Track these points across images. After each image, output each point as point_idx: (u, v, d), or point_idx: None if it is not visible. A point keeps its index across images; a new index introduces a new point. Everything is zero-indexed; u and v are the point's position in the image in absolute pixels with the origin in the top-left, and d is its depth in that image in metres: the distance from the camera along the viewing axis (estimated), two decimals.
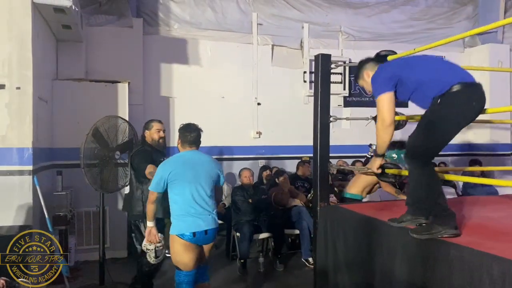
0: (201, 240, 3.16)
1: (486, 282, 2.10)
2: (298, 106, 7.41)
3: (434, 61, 2.79)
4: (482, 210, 3.47)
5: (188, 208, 3.13)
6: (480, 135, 8.25)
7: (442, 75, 2.57)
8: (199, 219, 3.13)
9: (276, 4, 7.51)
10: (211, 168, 3.29)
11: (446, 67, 2.67)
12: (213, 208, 3.27)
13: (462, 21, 8.45)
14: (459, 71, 2.62)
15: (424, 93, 2.59)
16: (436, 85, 2.52)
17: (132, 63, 6.50)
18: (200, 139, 3.35)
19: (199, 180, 3.18)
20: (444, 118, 2.52)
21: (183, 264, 3.13)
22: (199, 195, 3.16)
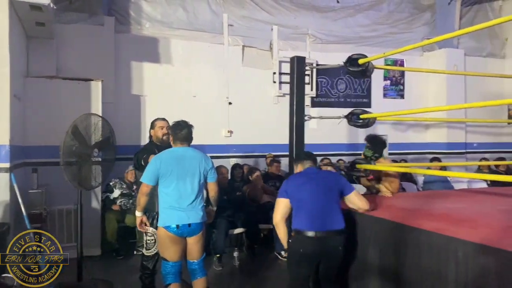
0: (185, 232, 3.27)
1: (452, 263, 2.37)
2: (268, 106, 7.63)
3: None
4: (443, 202, 3.80)
5: (173, 202, 3.27)
6: (437, 135, 8.77)
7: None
8: (183, 213, 3.25)
9: (247, 6, 7.68)
10: (201, 164, 3.38)
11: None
12: (199, 204, 3.35)
13: (421, 26, 8.92)
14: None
15: None
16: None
17: (103, 61, 6.48)
18: (191, 135, 3.44)
19: (186, 176, 3.28)
20: None
21: (169, 255, 3.28)
22: (185, 190, 3.28)
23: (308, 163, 3.30)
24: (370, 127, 4.33)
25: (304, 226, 2.95)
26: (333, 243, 2.96)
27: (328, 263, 3.05)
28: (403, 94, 8.86)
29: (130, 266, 5.25)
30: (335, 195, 3.11)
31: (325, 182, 3.12)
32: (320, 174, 3.28)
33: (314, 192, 3.04)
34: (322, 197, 3.03)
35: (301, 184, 3.10)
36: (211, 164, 3.49)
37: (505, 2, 9.27)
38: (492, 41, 9.21)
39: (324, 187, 3.08)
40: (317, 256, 2.98)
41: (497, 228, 2.63)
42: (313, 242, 2.92)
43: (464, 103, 8.49)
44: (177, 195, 3.26)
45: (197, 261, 3.41)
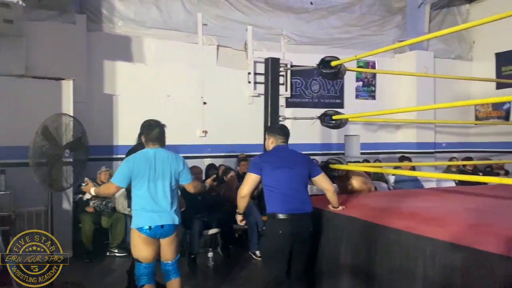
0: (158, 233, 3.25)
1: (421, 261, 2.45)
2: (243, 106, 7.65)
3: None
4: (413, 201, 3.91)
5: (145, 204, 3.24)
6: (408, 135, 8.99)
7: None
8: (155, 214, 3.23)
9: (221, 6, 7.67)
10: (172, 165, 3.33)
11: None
12: (172, 206, 3.31)
13: (392, 28, 9.12)
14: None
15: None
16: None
17: (75, 59, 6.37)
18: (163, 135, 3.39)
19: (158, 178, 3.25)
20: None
21: (143, 257, 3.26)
22: (156, 192, 3.25)
23: (280, 139, 3.31)
24: (343, 127, 4.37)
25: (279, 209, 3.08)
26: (305, 223, 3.10)
27: (301, 243, 3.11)
28: (374, 95, 9.04)
29: (103, 268, 5.18)
30: (305, 178, 3.21)
31: (297, 164, 3.19)
32: (292, 154, 3.27)
33: (287, 176, 3.11)
34: (294, 181, 3.13)
35: (276, 167, 3.13)
36: (183, 165, 3.42)
37: (472, 6, 9.58)
38: (460, 44, 9.51)
39: (297, 170, 3.15)
40: (291, 237, 3.06)
41: (464, 226, 2.73)
42: (288, 223, 3.05)
43: (433, 104, 8.74)
44: (149, 197, 3.24)
45: (171, 262, 3.38)
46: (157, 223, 3.22)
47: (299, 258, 3.16)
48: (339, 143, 8.59)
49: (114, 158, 6.76)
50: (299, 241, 3.09)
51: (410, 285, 2.48)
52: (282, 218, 3.06)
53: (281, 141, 3.31)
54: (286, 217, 3.05)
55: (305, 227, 3.09)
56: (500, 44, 8.81)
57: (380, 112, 6.29)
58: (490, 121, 9.05)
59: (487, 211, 3.35)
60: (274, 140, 3.32)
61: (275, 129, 3.45)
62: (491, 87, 8.76)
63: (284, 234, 3.05)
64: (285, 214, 3.05)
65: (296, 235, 3.06)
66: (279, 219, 3.07)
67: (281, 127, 3.44)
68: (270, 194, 3.15)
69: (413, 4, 9.04)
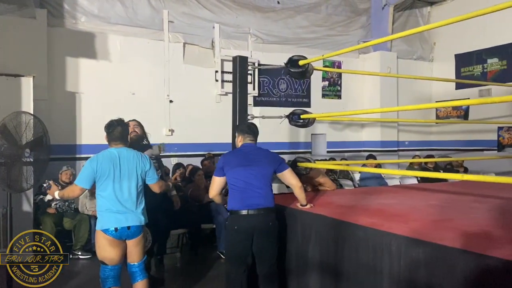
0: (124, 235, 3.18)
1: (386, 256, 2.50)
2: (211, 105, 7.61)
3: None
4: (378, 198, 3.99)
5: (110, 205, 3.16)
6: (372, 133, 9.20)
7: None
8: (121, 215, 3.15)
9: (188, 3, 7.59)
10: (138, 165, 3.26)
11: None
12: (137, 206, 3.24)
13: (358, 29, 9.31)
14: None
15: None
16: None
17: (35, 56, 6.16)
18: (126, 134, 3.34)
19: (123, 179, 3.18)
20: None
21: (109, 258, 3.18)
22: (122, 193, 3.18)
23: (248, 137, 3.33)
24: (310, 126, 4.42)
25: (237, 206, 3.14)
26: (263, 219, 3.12)
27: (261, 239, 3.14)
28: (340, 95, 9.20)
29: (65, 271, 5.01)
30: (268, 174, 3.23)
31: (259, 161, 3.21)
32: (256, 152, 3.30)
33: (247, 173, 3.15)
34: (253, 177, 3.15)
35: (236, 165, 3.19)
36: (149, 165, 3.35)
37: (433, 9, 9.91)
38: (422, 45, 9.82)
39: (258, 167, 3.18)
40: (250, 232, 3.11)
41: (427, 222, 2.81)
42: (245, 218, 3.10)
43: (396, 103, 9.00)
44: (114, 198, 3.16)
45: (137, 263, 3.31)
46: (123, 224, 3.15)
47: (262, 255, 3.18)
48: (306, 142, 8.68)
49: (76, 158, 6.59)
50: (258, 237, 3.12)
51: (377, 281, 2.53)
52: (239, 214, 3.12)
53: (249, 139, 3.33)
54: (243, 213, 3.10)
55: (264, 223, 3.12)
56: (460, 46, 9.17)
57: (347, 112, 6.42)
58: (450, 120, 9.39)
59: (448, 207, 3.47)
60: (242, 138, 3.35)
61: (243, 127, 3.46)
62: (451, 88, 9.11)
63: (240, 230, 3.11)
64: (242, 210, 3.11)
65: (254, 231, 3.10)
66: (236, 215, 3.14)
67: (249, 126, 3.45)
68: (230, 191, 3.23)
69: (377, 5, 9.26)
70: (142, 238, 3.31)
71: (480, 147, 8.72)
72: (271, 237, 3.17)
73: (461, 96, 8.68)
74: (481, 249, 2.12)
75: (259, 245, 3.15)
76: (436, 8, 9.86)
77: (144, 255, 3.39)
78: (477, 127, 8.53)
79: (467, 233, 2.45)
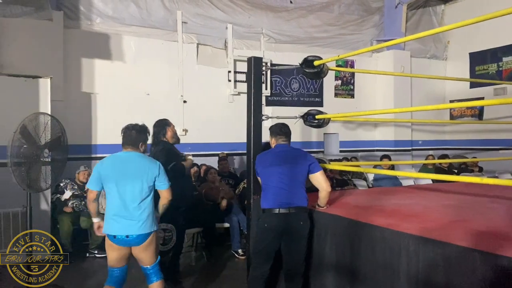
0: (123, 242, 3.11)
1: (404, 257, 2.51)
2: (223, 105, 7.64)
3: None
4: (393, 198, 3.99)
5: (112, 209, 3.13)
6: (385, 133, 9.15)
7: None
8: (118, 224, 3.10)
9: (201, 4, 7.63)
10: (146, 171, 3.14)
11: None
12: (142, 213, 3.11)
13: (370, 28, 9.26)
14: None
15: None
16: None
17: (52, 57, 6.24)
18: (136, 139, 3.24)
19: (126, 183, 3.09)
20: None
21: (108, 259, 3.24)
22: (124, 199, 3.09)
23: (281, 138, 3.44)
24: (325, 127, 4.43)
25: (269, 205, 3.21)
26: (295, 217, 3.17)
27: (291, 237, 3.19)
28: (353, 94, 9.16)
29: (83, 270, 5.10)
30: (301, 174, 3.27)
31: (293, 161, 3.29)
32: (289, 152, 3.39)
33: (280, 173, 3.22)
34: (287, 178, 3.23)
35: (268, 165, 3.31)
36: (158, 171, 3.20)
37: (447, 7, 9.82)
38: (436, 43, 9.73)
39: (291, 167, 3.26)
40: (280, 230, 3.17)
41: (445, 222, 2.81)
42: (277, 217, 3.16)
43: (410, 102, 8.94)
44: (116, 203, 3.10)
45: (150, 266, 3.26)
46: (121, 232, 3.08)
47: (290, 253, 3.21)
48: (319, 141, 8.67)
49: (93, 158, 6.66)
50: (288, 235, 3.17)
51: (393, 281, 2.54)
52: (270, 212, 3.18)
53: (282, 140, 3.45)
54: (274, 211, 3.16)
55: (294, 222, 3.16)
56: (474, 44, 9.07)
57: (361, 112, 6.40)
58: (464, 120, 9.30)
59: (464, 208, 3.46)
60: (275, 140, 3.48)
61: (275, 129, 3.54)
62: (465, 86, 9.02)
63: (270, 228, 3.17)
64: (273, 208, 3.17)
65: (284, 229, 3.15)
66: (267, 214, 3.21)
67: (281, 127, 3.53)
68: (263, 190, 3.33)
69: (390, 4, 9.20)
70: (149, 244, 3.18)
71: (495, 147, 8.62)
72: (301, 236, 3.21)
73: (476, 95, 8.60)
74: (499, 250, 2.12)
75: (288, 243, 3.21)
76: (450, 6, 9.76)
77: (156, 258, 3.30)
78: (493, 126, 8.43)
79: (485, 234, 2.45)
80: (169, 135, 4.22)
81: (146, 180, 3.13)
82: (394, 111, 7.29)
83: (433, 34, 6.63)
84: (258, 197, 3.99)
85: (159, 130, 4.21)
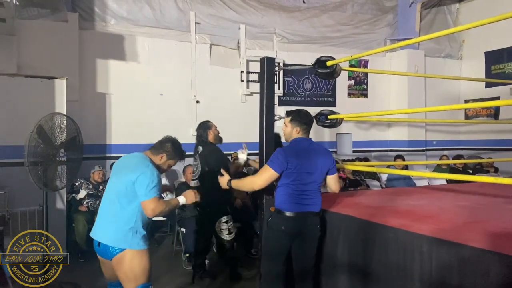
0: (97, 249, 2.79)
1: (417, 258, 2.49)
2: (236, 105, 7.68)
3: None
4: (406, 199, 3.95)
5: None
6: (399, 133, 9.08)
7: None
8: (95, 226, 2.85)
9: (214, 4, 7.68)
10: (129, 174, 2.73)
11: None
12: (115, 222, 2.70)
13: (384, 27, 9.20)
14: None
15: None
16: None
17: (67, 58, 6.34)
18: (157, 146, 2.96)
19: (116, 187, 2.79)
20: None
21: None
22: (107, 201, 2.82)
23: (304, 130, 3.21)
24: (337, 127, 4.41)
25: (285, 207, 3.04)
26: (309, 222, 3.06)
27: (305, 241, 3.11)
28: (366, 94, 9.11)
29: (97, 268, 5.15)
30: (321, 177, 3.11)
31: (318, 162, 3.08)
32: (316, 151, 3.15)
33: (304, 174, 3.02)
34: (309, 180, 3.04)
35: (297, 166, 3.00)
36: (136, 177, 2.67)
37: (462, 5, 9.70)
38: (450, 43, 9.63)
39: (316, 168, 3.06)
40: (295, 233, 3.07)
41: (459, 223, 2.78)
42: (292, 220, 3.03)
43: (424, 102, 8.86)
44: (101, 204, 2.89)
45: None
46: (96, 236, 2.78)
47: (304, 255, 3.16)
48: (332, 141, 8.64)
49: (107, 157, 6.75)
50: (302, 235, 3.10)
51: (406, 282, 2.53)
52: (285, 215, 3.05)
53: (305, 133, 3.26)
54: (289, 215, 3.04)
55: (308, 224, 3.08)
56: (489, 43, 8.95)
57: (374, 113, 6.36)
58: (480, 119, 9.18)
59: (479, 209, 3.42)
60: (296, 131, 3.25)
61: (301, 116, 3.33)
62: (481, 86, 8.90)
63: (286, 230, 3.07)
64: (294, 211, 3.04)
65: (298, 230, 3.08)
66: (282, 216, 3.06)
67: (308, 115, 3.38)
68: (281, 189, 3.14)
69: (404, 3, 9.14)
70: (123, 264, 2.67)
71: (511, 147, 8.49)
72: (315, 239, 3.13)
73: (491, 94, 8.49)
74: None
75: (302, 245, 3.12)
76: (465, 4, 9.65)
77: (139, 283, 2.70)
78: (509, 126, 8.28)
79: (500, 235, 2.42)
80: (211, 137, 4.46)
81: (126, 184, 2.71)
82: (408, 111, 7.24)
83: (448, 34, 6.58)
84: (270, 197, 3.97)
85: (201, 132, 4.48)
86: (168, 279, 4.72)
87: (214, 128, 4.51)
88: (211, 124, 4.53)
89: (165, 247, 5.99)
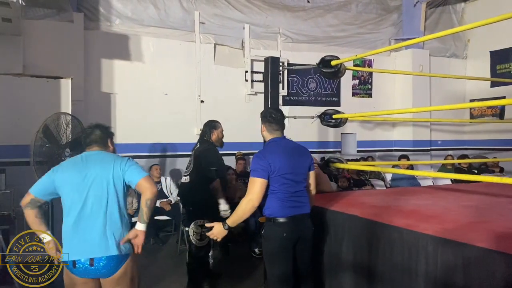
0: (85, 273, 2.41)
1: (422, 258, 2.49)
2: (240, 104, 7.68)
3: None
4: (411, 199, 3.94)
5: (68, 226, 2.47)
6: (404, 133, 9.06)
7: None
8: (82, 243, 2.41)
9: (218, 4, 7.69)
10: (111, 168, 2.47)
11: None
12: (110, 227, 2.42)
13: (389, 27, 9.18)
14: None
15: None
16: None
17: (72, 58, 6.37)
18: (100, 137, 2.70)
19: (85, 188, 2.47)
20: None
21: None
22: (85, 208, 2.46)
23: (275, 128, 2.99)
24: (342, 126, 4.42)
25: (280, 213, 2.84)
26: (305, 223, 2.92)
27: (303, 243, 2.96)
28: (371, 93, 9.10)
29: None
30: (305, 175, 2.97)
31: (299, 161, 2.93)
32: (294, 149, 2.99)
33: (290, 177, 2.83)
34: (295, 182, 2.87)
35: (281, 167, 2.80)
36: (125, 162, 2.53)
37: (467, 5, 9.66)
38: (455, 42, 9.60)
39: (299, 168, 2.91)
40: (296, 237, 2.89)
41: (464, 223, 2.77)
42: (291, 225, 2.84)
43: (428, 101, 8.84)
44: (74, 216, 2.46)
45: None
46: (84, 255, 2.39)
47: (302, 259, 3.05)
48: (336, 141, 8.64)
49: None
50: (301, 238, 2.98)
51: (411, 282, 2.53)
52: (279, 221, 2.86)
53: (279, 133, 3.04)
54: (284, 220, 2.86)
55: (305, 226, 2.98)
56: (495, 43, 8.91)
57: (379, 112, 6.36)
58: (485, 119, 9.14)
59: (485, 209, 3.41)
60: (271, 134, 3.06)
61: (276, 115, 3.07)
62: (486, 85, 8.86)
63: (288, 236, 2.89)
64: (282, 217, 2.87)
65: (297, 234, 2.95)
66: (278, 223, 2.88)
67: (280, 113, 3.10)
68: (270, 195, 2.94)
69: (409, 2, 9.11)
70: (125, 275, 2.46)
71: None
72: (310, 240, 3.02)
73: (497, 94, 8.44)
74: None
75: (301, 248, 2.97)
76: (470, 4, 9.61)
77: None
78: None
79: (505, 235, 2.41)
80: (214, 138, 4.33)
81: (114, 180, 2.50)
82: (412, 111, 7.25)
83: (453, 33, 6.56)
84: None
85: (206, 130, 4.36)
86: (173, 278, 4.73)
87: (220, 130, 4.39)
88: (218, 125, 4.40)
89: (169, 246, 6.02)
